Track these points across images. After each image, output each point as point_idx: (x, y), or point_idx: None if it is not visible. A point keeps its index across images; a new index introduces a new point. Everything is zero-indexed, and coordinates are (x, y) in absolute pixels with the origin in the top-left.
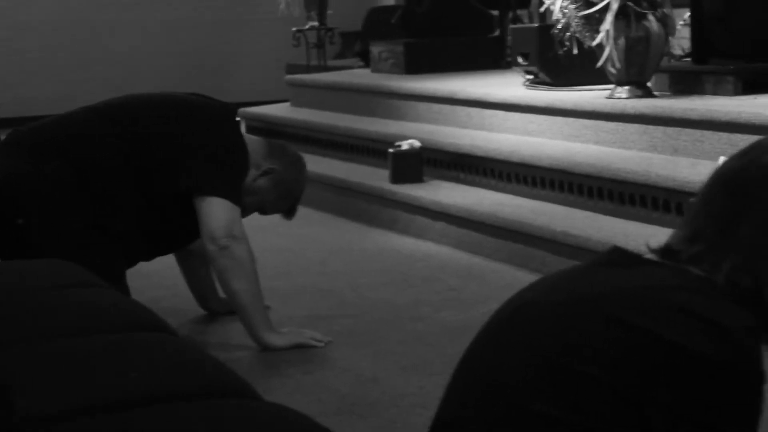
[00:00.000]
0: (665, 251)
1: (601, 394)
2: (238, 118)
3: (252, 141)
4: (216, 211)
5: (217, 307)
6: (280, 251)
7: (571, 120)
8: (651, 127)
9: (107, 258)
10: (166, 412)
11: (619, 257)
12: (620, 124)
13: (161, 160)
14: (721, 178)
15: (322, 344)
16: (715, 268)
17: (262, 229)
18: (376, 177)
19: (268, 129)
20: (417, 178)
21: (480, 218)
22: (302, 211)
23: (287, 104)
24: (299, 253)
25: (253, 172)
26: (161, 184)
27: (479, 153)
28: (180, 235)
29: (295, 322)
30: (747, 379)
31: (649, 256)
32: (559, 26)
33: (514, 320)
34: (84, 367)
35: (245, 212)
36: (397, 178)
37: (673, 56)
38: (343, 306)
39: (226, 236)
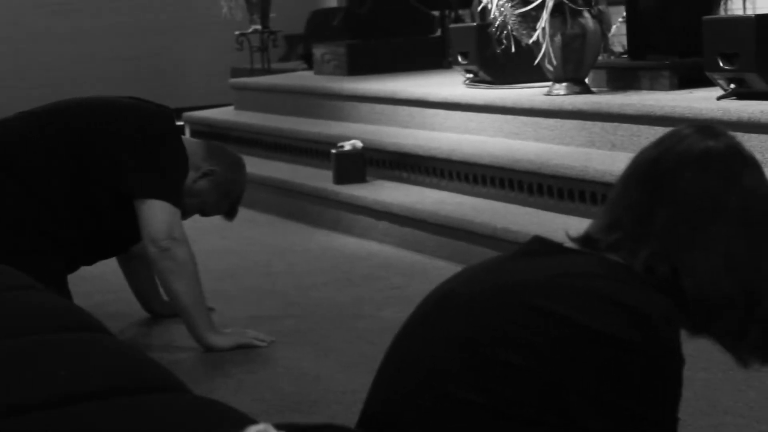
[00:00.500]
0: (585, 240)
1: (522, 381)
2: (181, 123)
3: (190, 143)
4: (156, 214)
5: (160, 309)
6: (225, 253)
7: (510, 117)
8: (589, 123)
9: (47, 262)
10: (92, 409)
11: (540, 246)
12: (559, 120)
13: (99, 164)
14: (637, 167)
15: (265, 344)
16: (633, 256)
17: (208, 232)
18: (319, 178)
19: (212, 133)
20: (360, 179)
21: (422, 216)
22: (247, 213)
23: (231, 108)
24: (244, 255)
25: (192, 175)
26: (100, 187)
27: (421, 152)
28: (121, 238)
29: (239, 323)
30: (666, 364)
31: (569, 245)
32: (496, 24)
33: (436, 311)
34: (12, 367)
35: (186, 214)
36: (340, 179)
37: (613, 53)
38: (286, 306)
39: (166, 238)
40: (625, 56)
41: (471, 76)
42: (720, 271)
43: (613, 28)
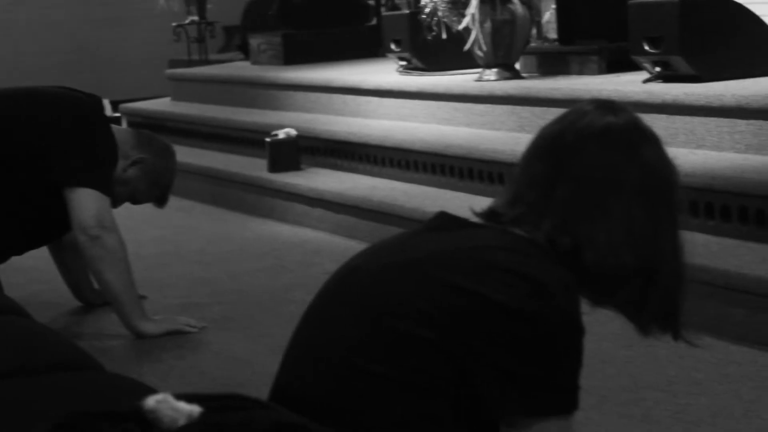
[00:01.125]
0: (489, 214)
1: (425, 352)
2: (117, 114)
3: (120, 132)
4: (86, 202)
5: (92, 298)
6: (158, 242)
7: (442, 103)
8: (518, 108)
9: None
10: (7, 387)
11: (445, 221)
12: (489, 105)
13: (27, 153)
14: (540, 143)
15: (196, 330)
16: (536, 229)
17: (143, 221)
18: (254, 167)
19: (148, 124)
20: (294, 166)
21: (354, 202)
22: (182, 202)
23: (168, 99)
24: (178, 244)
25: (122, 163)
26: (29, 177)
27: (354, 139)
28: (51, 227)
29: (171, 310)
30: (565, 333)
31: (474, 220)
32: (427, 11)
33: (343, 286)
34: None
35: (116, 203)
36: (274, 167)
37: (547, 40)
38: (219, 293)
39: (96, 226)
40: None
41: (404, 63)
42: (620, 243)
43: (547, 14)
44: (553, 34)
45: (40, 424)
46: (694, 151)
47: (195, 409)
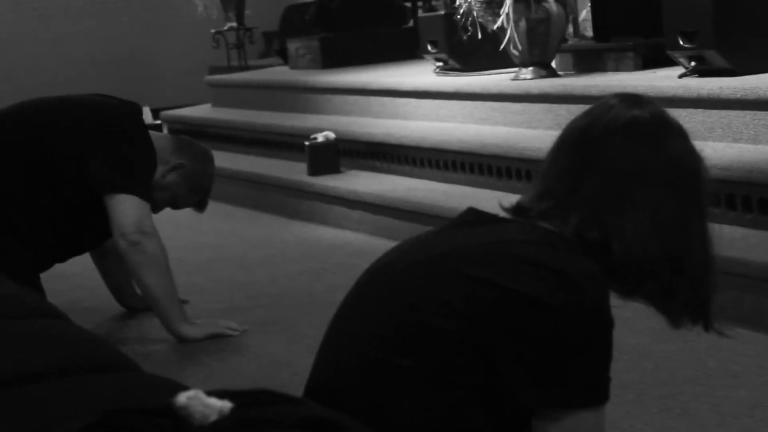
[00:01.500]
0: (517, 209)
1: (454, 346)
2: (158, 122)
3: (158, 138)
4: (126, 208)
5: (134, 303)
6: (201, 247)
7: (479, 103)
8: (555, 106)
9: (18, 260)
10: (42, 387)
11: (473, 217)
12: (526, 104)
13: (68, 161)
14: (566, 137)
15: (237, 333)
16: (564, 223)
17: (185, 227)
18: (294, 170)
19: (189, 131)
20: (334, 169)
21: (394, 204)
22: (224, 207)
23: (208, 105)
24: (220, 248)
25: (161, 168)
26: (70, 184)
27: (392, 141)
28: (92, 234)
29: (213, 314)
30: (594, 325)
31: (503, 215)
32: (462, 12)
33: (373, 282)
34: None
35: (157, 208)
36: (314, 170)
37: (584, 37)
38: (260, 296)
39: (136, 232)
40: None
41: (441, 64)
42: (647, 235)
43: (584, 12)
44: (590, 32)
45: (73, 422)
46: (731, 144)
47: (226, 404)
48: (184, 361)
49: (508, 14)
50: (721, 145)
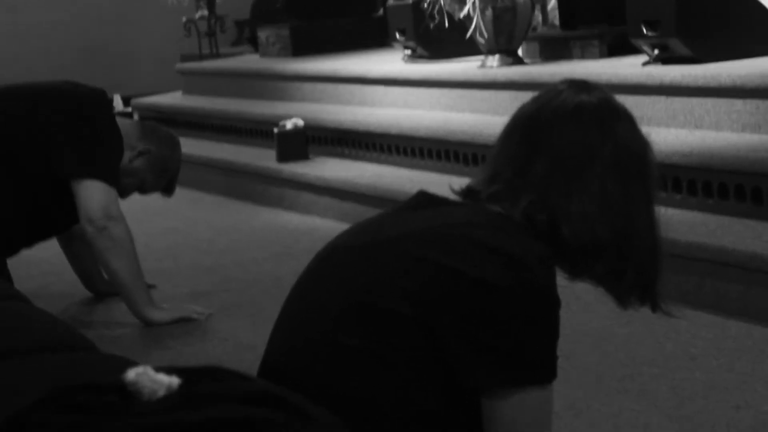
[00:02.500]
0: (467, 192)
1: (404, 327)
2: (129, 109)
3: (124, 124)
4: (92, 194)
5: (102, 288)
6: (169, 233)
7: (447, 91)
8: (521, 93)
9: None
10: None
11: (423, 200)
12: (492, 92)
13: (34, 147)
14: (516, 122)
15: (203, 317)
16: (513, 205)
17: (154, 213)
18: (263, 157)
19: (160, 118)
20: (302, 156)
21: (361, 190)
22: (194, 194)
23: (179, 93)
24: (188, 234)
25: (128, 154)
26: (35, 170)
27: (360, 128)
28: (59, 219)
29: (180, 299)
30: (541, 305)
31: (453, 198)
32: (429, 0)
33: (324, 265)
34: None
35: (124, 194)
36: (282, 157)
37: (553, 26)
38: (226, 281)
39: (103, 217)
40: None
41: (410, 52)
42: (594, 217)
43: (553, 1)
44: (558, 21)
45: (23, 399)
46: (693, 131)
47: (174, 380)
48: (150, 345)
49: (474, 3)
50: (684, 131)
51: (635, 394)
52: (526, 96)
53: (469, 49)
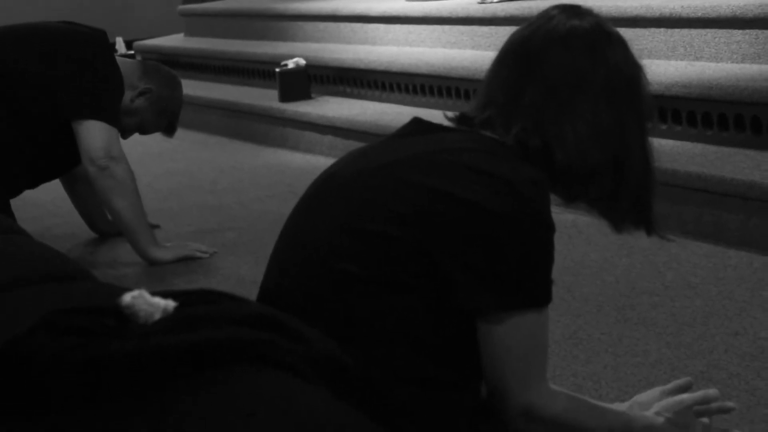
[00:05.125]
0: (461, 119)
1: (398, 251)
2: (131, 52)
3: (125, 63)
4: (94, 133)
5: (106, 228)
6: (173, 174)
7: (447, 27)
8: None
9: None
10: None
11: (418, 126)
12: (493, 27)
13: (35, 88)
14: (509, 48)
15: (207, 255)
16: (506, 131)
17: (158, 155)
18: (265, 97)
19: (162, 60)
20: (305, 95)
21: (364, 128)
22: (197, 135)
23: (181, 35)
24: (191, 175)
25: (129, 94)
26: (37, 110)
27: (362, 66)
28: (62, 160)
29: (183, 237)
30: (535, 229)
31: (447, 124)
32: None
33: (320, 192)
34: None
35: (125, 134)
36: (285, 97)
37: None
38: (230, 220)
39: (105, 157)
40: None
41: None
42: (587, 141)
43: None
44: None
45: (20, 327)
46: (693, 63)
47: (170, 303)
48: (154, 284)
49: None
50: (683, 63)
51: (635, 322)
52: None
53: None
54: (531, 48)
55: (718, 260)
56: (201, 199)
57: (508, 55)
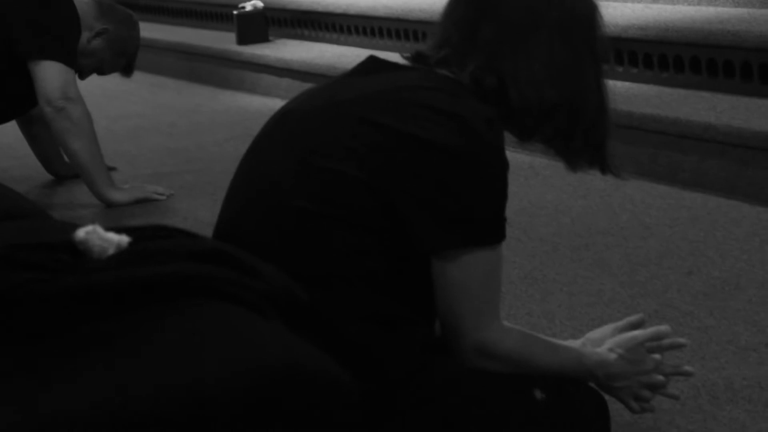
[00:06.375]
0: (416, 57)
1: (353, 189)
2: None
3: (81, 3)
4: (50, 75)
5: (63, 170)
6: (130, 116)
7: None
8: None
9: None
10: None
11: (373, 65)
12: None
13: None
14: None
15: (164, 197)
16: (461, 70)
17: (115, 98)
18: (223, 40)
19: (119, 2)
20: (263, 38)
21: (322, 71)
22: (154, 78)
23: None
24: (148, 117)
25: (86, 35)
26: None
27: (320, 9)
28: (17, 101)
29: (140, 180)
30: (489, 165)
31: (402, 63)
32: None
33: (275, 130)
34: None
35: (83, 75)
36: (243, 39)
37: None
38: (187, 162)
39: (61, 98)
40: None
41: None
42: (541, 78)
43: None
44: None
45: None
46: (650, 5)
47: (123, 238)
48: (111, 226)
49: None
50: (640, 6)
51: (589, 262)
52: None
53: None
54: None
55: (673, 201)
56: (158, 141)
57: None
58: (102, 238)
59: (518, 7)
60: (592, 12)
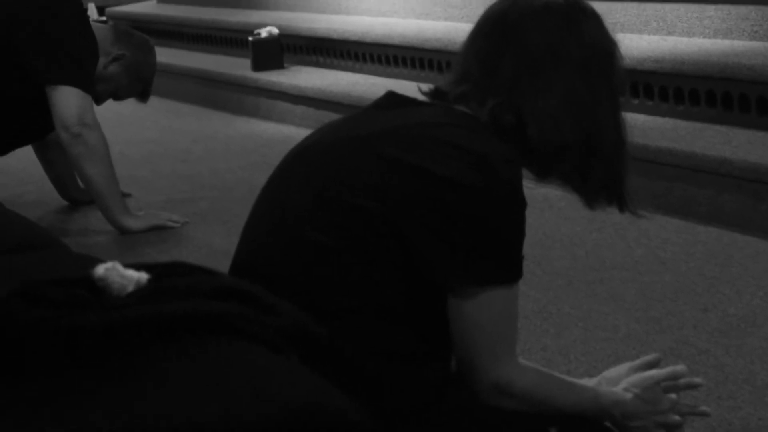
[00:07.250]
0: (435, 93)
1: (369, 223)
2: (104, 18)
3: (98, 29)
4: (68, 100)
5: (78, 196)
6: (145, 142)
7: None
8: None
9: None
10: None
11: (392, 100)
12: None
13: (9, 52)
14: (484, 22)
15: (178, 224)
16: (480, 106)
17: (130, 123)
18: (238, 66)
19: (135, 27)
20: (278, 65)
21: (336, 98)
22: (170, 104)
23: (154, 2)
24: (163, 143)
25: (103, 60)
26: (10, 76)
27: (335, 36)
28: (34, 126)
29: (155, 206)
30: (507, 204)
31: (421, 98)
32: None
33: (295, 163)
34: None
35: (99, 100)
36: (258, 66)
37: None
38: (202, 189)
39: (78, 124)
40: None
41: None
42: (561, 116)
43: None
44: None
45: None
46: (665, 37)
47: (143, 275)
48: (125, 253)
49: None
50: (656, 38)
51: (604, 297)
52: None
53: None
54: (507, 22)
55: (689, 236)
56: (173, 167)
57: (483, 29)
58: (122, 275)
59: (538, 43)
60: (613, 49)
